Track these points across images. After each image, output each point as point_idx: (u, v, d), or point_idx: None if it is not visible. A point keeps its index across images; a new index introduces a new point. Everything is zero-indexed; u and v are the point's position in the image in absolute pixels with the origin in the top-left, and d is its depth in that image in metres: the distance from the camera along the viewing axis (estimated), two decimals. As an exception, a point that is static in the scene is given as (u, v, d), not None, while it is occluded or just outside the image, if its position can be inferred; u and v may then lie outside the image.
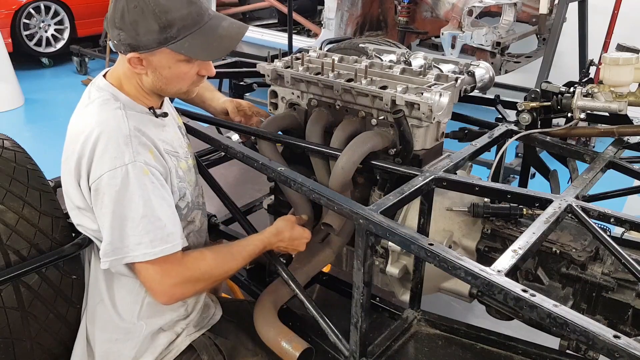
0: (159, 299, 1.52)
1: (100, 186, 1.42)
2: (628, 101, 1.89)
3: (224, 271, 1.59)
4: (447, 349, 1.73)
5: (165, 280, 1.47)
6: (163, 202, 1.48)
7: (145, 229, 1.42)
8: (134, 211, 1.42)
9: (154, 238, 1.43)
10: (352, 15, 5.54)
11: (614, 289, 1.64)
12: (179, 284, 1.49)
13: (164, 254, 1.45)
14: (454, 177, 1.75)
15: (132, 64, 1.46)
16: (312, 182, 1.64)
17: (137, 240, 1.42)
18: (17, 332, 1.56)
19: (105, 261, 1.45)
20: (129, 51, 1.44)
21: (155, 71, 1.48)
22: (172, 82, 1.52)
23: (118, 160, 1.41)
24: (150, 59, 1.46)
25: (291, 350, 1.64)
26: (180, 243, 1.50)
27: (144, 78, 1.51)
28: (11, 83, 5.72)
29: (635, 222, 1.51)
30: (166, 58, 1.46)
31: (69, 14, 7.03)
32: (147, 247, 1.43)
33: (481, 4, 4.72)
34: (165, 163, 1.53)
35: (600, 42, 4.83)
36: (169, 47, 1.43)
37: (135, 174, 1.42)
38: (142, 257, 1.43)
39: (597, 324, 1.09)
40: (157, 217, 1.44)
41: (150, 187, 1.45)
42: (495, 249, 1.83)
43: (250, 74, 2.80)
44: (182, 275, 1.49)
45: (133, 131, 1.46)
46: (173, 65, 1.47)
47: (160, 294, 1.50)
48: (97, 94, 1.52)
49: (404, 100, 1.75)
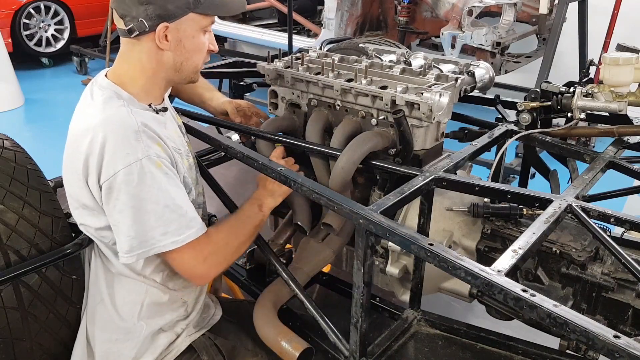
0: (198, 282, 1.62)
1: (115, 184, 1.42)
2: (628, 101, 1.89)
3: (243, 238, 1.65)
4: (447, 349, 1.73)
5: (200, 263, 1.53)
6: (179, 191, 1.51)
7: (170, 219, 1.46)
8: (155, 203, 1.44)
9: (179, 226, 1.47)
10: (352, 15, 5.54)
11: (614, 289, 1.64)
12: (213, 263, 1.56)
13: (191, 239, 1.49)
14: (454, 177, 1.75)
15: (160, 38, 1.49)
16: (312, 182, 1.64)
17: (163, 231, 1.45)
18: (17, 332, 1.55)
19: (131, 255, 1.46)
20: (159, 22, 1.47)
21: (180, 44, 1.52)
22: (193, 55, 1.56)
23: (131, 156, 1.42)
24: (176, 29, 1.50)
25: (291, 350, 1.64)
26: (203, 225, 1.54)
27: (165, 57, 1.53)
28: (11, 83, 5.72)
29: (635, 222, 1.51)
30: (191, 26, 1.52)
31: (69, 14, 7.03)
32: (174, 236, 1.46)
33: (481, 4, 4.72)
34: (172, 154, 1.55)
35: (600, 42, 4.83)
36: (195, 11, 1.50)
37: (149, 167, 1.44)
38: (171, 246, 1.47)
39: (597, 324, 1.09)
40: (178, 206, 1.48)
41: (165, 178, 1.47)
42: (495, 249, 1.83)
43: (250, 74, 2.80)
44: (214, 253, 1.56)
45: (141, 126, 1.47)
46: (196, 34, 1.54)
47: (197, 277, 1.58)
48: (99, 92, 1.52)
49: (404, 100, 1.75)
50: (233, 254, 1.63)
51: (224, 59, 2.96)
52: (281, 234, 2.11)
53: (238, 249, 1.64)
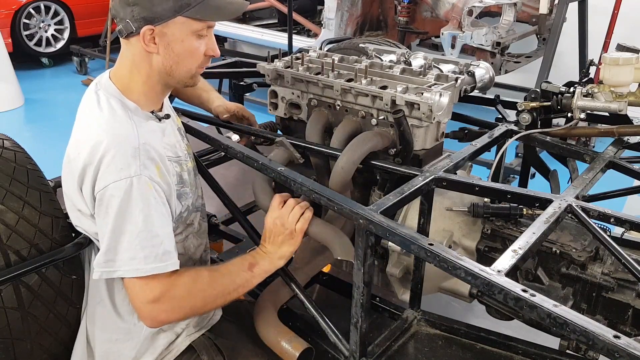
0: (146, 322, 1.48)
1: (105, 197, 1.41)
2: (628, 101, 1.89)
3: (214, 292, 1.51)
4: (447, 349, 1.73)
5: (148, 303, 1.43)
6: (163, 220, 1.46)
7: (141, 245, 1.40)
8: (133, 225, 1.40)
9: (148, 254, 1.40)
10: (352, 15, 5.54)
11: (614, 289, 1.64)
12: (166, 308, 1.45)
13: (156, 272, 1.41)
14: (454, 177, 1.75)
15: (146, 41, 1.45)
16: (312, 182, 1.64)
17: (131, 255, 1.40)
18: (17, 332, 1.55)
19: (97, 271, 1.43)
20: (144, 25, 1.43)
21: (168, 47, 1.47)
22: (183, 59, 1.50)
23: (124, 172, 1.40)
24: (164, 32, 1.45)
25: (291, 350, 1.64)
26: (175, 264, 1.45)
27: (154, 60, 1.49)
28: (11, 83, 5.72)
29: (635, 222, 1.51)
30: (180, 29, 1.46)
31: (69, 14, 7.03)
32: (140, 263, 1.40)
33: (481, 4, 4.72)
34: (168, 177, 1.52)
35: (600, 42, 4.83)
36: (184, 14, 1.43)
37: (139, 187, 1.41)
38: (133, 273, 1.41)
39: (597, 324, 1.09)
40: (155, 234, 1.42)
41: (153, 202, 1.43)
42: (495, 249, 1.83)
43: (250, 74, 2.80)
44: (170, 298, 1.44)
45: (142, 144, 1.45)
46: (185, 38, 1.47)
47: (144, 317, 1.46)
48: (105, 99, 1.51)
49: (404, 100, 1.75)
50: (194, 307, 1.49)
51: (224, 59, 2.96)
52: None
53: (204, 303, 1.51)
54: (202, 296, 1.50)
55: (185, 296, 1.46)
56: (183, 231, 1.64)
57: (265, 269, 1.60)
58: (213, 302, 1.54)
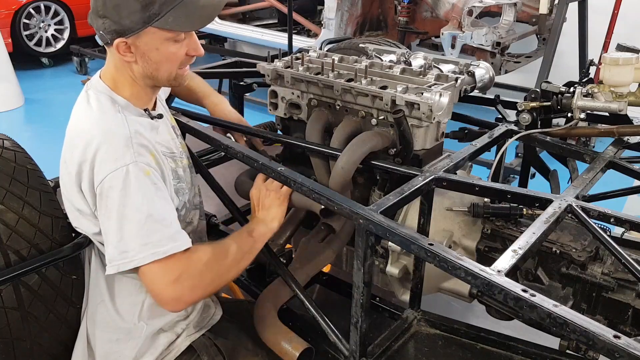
0: (170, 307, 1.46)
1: (104, 189, 1.41)
2: (628, 101, 1.89)
3: (227, 262, 1.53)
4: (447, 349, 1.73)
5: (170, 284, 1.41)
6: (166, 203, 1.47)
7: (151, 229, 1.40)
8: (138, 211, 1.40)
9: (161, 237, 1.40)
10: (352, 15, 5.54)
11: (614, 289, 1.64)
12: (187, 286, 1.43)
13: (173, 251, 1.41)
14: (454, 177, 1.75)
15: (121, 52, 1.46)
16: (312, 182, 1.64)
17: (143, 242, 1.39)
18: (17, 332, 1.55)
19: (112, 266, 1.41)
20: (115, 37, 1.44)
21: (144, 56, 1.47)
22: (162, 65, 1.50)
23: (119, 161, 1.41)
24: (137, 43, 1.45)
25: (291, 350, 1.64)
26: (188, 241, 1.46)
27: (134, 67, 1.50)
28: (11, 83, 5.71)
29: (635, 222, 1.51)
30: (152, 38, 1.45)
31: (69, 14, 7.02)
32: (155, 247, 1.39)
33: (481, 4, 4.72)
34: (164, 167, 1.53)
35: (600, 42, 4.83)
36: (153, 25, 1.42)
37: (136, 174, 1.41)
38: (150, 258, 1.40)
39: (597, 324, 1.09)
40: (162, 217, 1.43)
41: (153, 188, 1.44)
42: (495, 249, 1.83)
43: (250, 74, 2.80)
44: (190, 275, 1.43)
45: (134, 133, 1.46)
46: (160, 45, 1.47)
47: (169, 300, 1.44)
48: (94, 97, 1.52)
49: (404, 100, 1.75)
50: (213, 279, 1.49)
51: (224, 59, 2.97)
52: (281, 234, 2.11)
53: (220, 274, 1.52)
54: (217, 268, 1.51)
55: (204, 270, 1.47)
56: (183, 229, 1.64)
57: (263, 232, 1.66)
58: (227, 272, 1.55)
